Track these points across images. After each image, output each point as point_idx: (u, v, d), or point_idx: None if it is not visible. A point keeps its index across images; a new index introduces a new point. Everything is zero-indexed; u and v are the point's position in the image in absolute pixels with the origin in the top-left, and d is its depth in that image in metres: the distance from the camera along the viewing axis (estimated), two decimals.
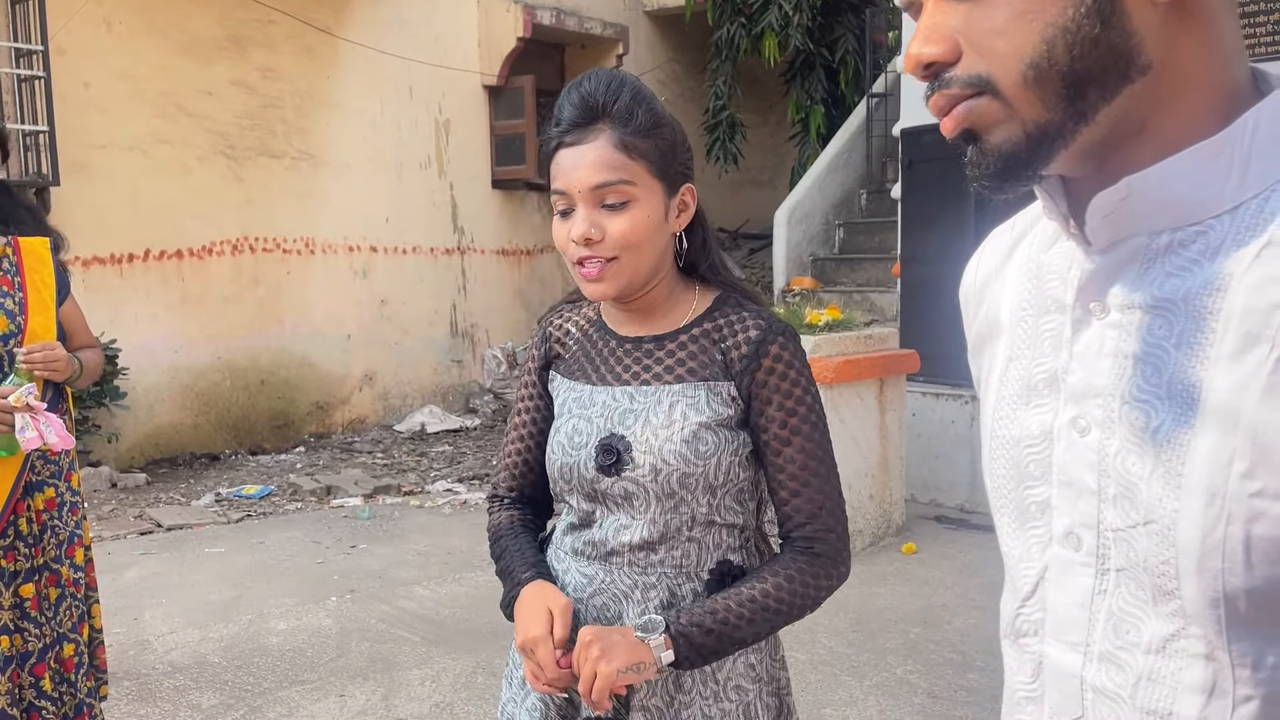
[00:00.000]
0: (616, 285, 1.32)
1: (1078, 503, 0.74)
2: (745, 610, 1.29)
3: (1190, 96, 0.67)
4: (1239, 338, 0.65)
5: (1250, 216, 0.66)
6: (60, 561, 2.49)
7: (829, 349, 4.82)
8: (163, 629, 4.04)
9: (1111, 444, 0.71)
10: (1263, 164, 0.66)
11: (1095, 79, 0.66)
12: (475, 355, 9.13)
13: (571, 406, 1.41)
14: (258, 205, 7.55)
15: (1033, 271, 0.81)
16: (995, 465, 0.82)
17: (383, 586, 4.55)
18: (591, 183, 1.29)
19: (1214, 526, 0.65)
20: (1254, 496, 0.64)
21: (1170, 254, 0.69)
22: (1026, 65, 0.66)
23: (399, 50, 8.28)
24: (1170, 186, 0.67)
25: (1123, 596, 0.72)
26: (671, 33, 10.61)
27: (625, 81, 1.33)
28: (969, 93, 0.68)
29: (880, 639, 3.87)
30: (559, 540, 1.45)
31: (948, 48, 0.68)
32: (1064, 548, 0.75)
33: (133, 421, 6.85)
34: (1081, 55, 0.65)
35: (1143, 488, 0.69)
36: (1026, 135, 0.67)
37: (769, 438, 1.33)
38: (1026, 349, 0.79)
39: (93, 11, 6.62)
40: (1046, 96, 0.66)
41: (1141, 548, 0.69)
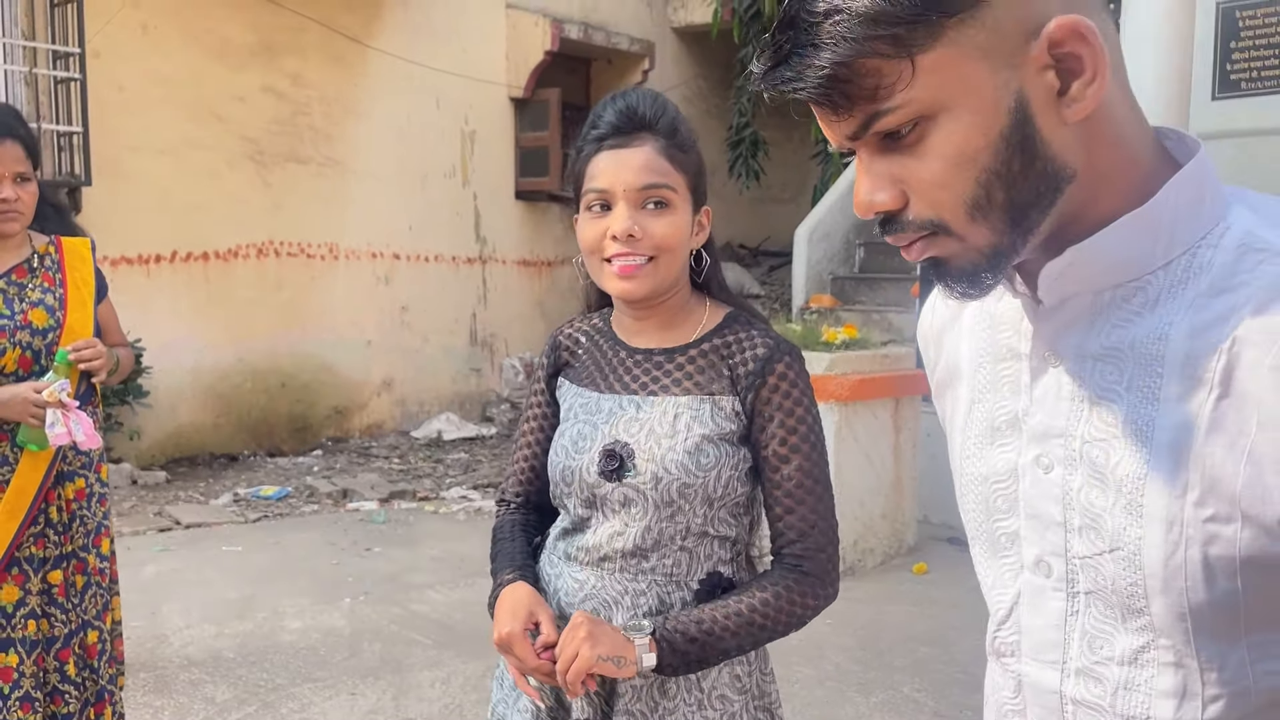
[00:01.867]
0: (648, 285, 1.36)
1: (1046, 534, 0.80)
2: (731, 623, 1.31)
3: (1115, 183, 0.75)
4: (1182, 381, 0.72)
5: (1181, 270, 0.74)
6: (88, 550, 2.55)
7: (844, 367, 4.85)
8: (180, 623, 4.10)
9: (1074, 480, 0.78)
10: (1186, 226, 0.74)
11: (1033, 203, 0.73)
12: (494, 364, 9.19)
13: (578, 412, 1.44)
14: (284, 210, 7.65)
15: (986, 321, 0.88)
16: (965, 500, 0.89)
17: (396, 589, 4.59)
18: (640, 182, 1.34)
19: (1174, 550, 0.72)
20: (1207, 522, 0.71)
21: (1114, 307, 0.77)
22: (969, 207, 0.72)
23: (427, 60, 8.38)
24: (1109, 253, 0.75)
25: (1093, 616, 0.79)
26: (697, 49, 10.69)
27: (666, 100, 1.41)
28: (924, 233, 0.74)
29: (888, 657, 3.88)
30: (553, 545, 1.47)
31: (894, 195, 0.74)
32: (1035, 574, 0.82)
33: (155, 420, 6.94)
34: (1017, 189, 0.72)
35: (1107, 519, 0.76)
36: (985, 258, 0.74)
37: (768, 454, 1.36)
38: (988, 393, 0.86)
39: (129, 16, 6.74)
40: (994, 226, 0.73)
41: (1109, 572, 0.76)
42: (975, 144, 0.70)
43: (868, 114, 0.71)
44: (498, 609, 1.38)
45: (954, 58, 0.69)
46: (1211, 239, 0.74)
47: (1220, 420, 0.70)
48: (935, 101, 0.70)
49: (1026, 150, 0.71)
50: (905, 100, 0.70)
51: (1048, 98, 0.70)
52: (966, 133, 0.70)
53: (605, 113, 1.38)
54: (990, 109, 0.70)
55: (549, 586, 1.44)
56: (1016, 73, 0.70)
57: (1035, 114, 0.70)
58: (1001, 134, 0.70)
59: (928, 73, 0.69)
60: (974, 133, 0.70)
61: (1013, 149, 0.70)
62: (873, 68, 0.69)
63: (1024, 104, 0.70)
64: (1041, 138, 0.71)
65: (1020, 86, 0.70)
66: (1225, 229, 0.74)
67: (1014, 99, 0.70)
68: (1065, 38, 0.69)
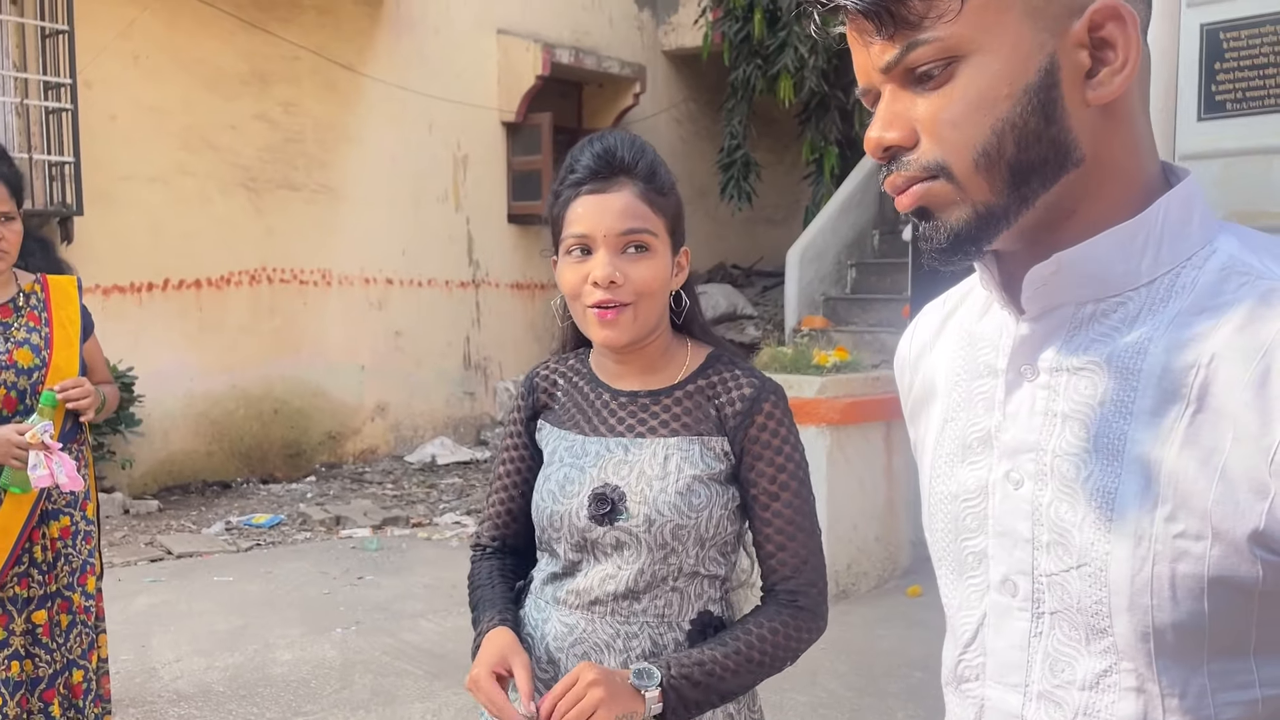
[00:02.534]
0: (630, 332, 1.36)
1: (1014, 551, 0.80)
2: (731, 663, 1.31)
3: (1114, 186, 0.76)
4: (1158, 395, 0.73)
5: (1164, 290, 0.75)
6: (73, 589, 2.54)
7: (836, 390, 4.85)
8: (169, 657, 4.08)
9: (1044, 495, 0.78)
10: (1173, 245, 0.75)
11: (1038, 169, 0.74)
12: (488, 388, 9.19)
13: (563, 455, 1.43)
14: (277, 237, 7.66)
15: (965, 340, 0.88)
16: (934, 521, 0.88)
17: (388, 619, 4.58)
18: (621, 227, 1.34)
19: (1142, 566, 0.72)
20: (1177, 538, 0.71)
21: (1094, 322, 0.77)
22: (978, 154, 0.73)
23: (420, 87, 8.42)
24: (1094, 262, 0.76)
25: (1057, 638, 0.78)
26: (688, 72, 10.74)
27: (645, 144, 1.40)
28: (924, 175, 0.75)
29: (883, 682, 3.87)
30: (539, 589, 1.45)
31: (906, 133, 0.75)
32: (1001, 594, 0.81)
33: (147, 448, 6.92)
34: (1027, 147, 0.73)
35: (1075, 534, 0.75)
36: (976, 215, 0.75)
37: (758, 492, 1.37)
38: (962, 411, 0.86)
39: (120, 46, 6.78)
40: (995, 182, 0.74)
41: (1075, 590, 0.76)
42: (1000, 91, 0.72)
43: (908, 40, 0.73)
44: (480, 650, 1.36)
45: (1002, 4, 0.72)
46: (1197, 260, 0.75)
47: (1195, 436, 0.71)
48: (974, 41, 0.72)
49: (1046, 111, 0.72)
50: (947, 34, 0.72)
51: (1077, 74, 0.73)
52: (994, 78, 0.72)
53: (583, 156, 1.37)
54: (1022, 62, 0.72)
55: (536, 631, 1.42)
56: (1055, 40, 0.72)
57: (1062, 82, 0.72)
58: (1026, 89, 0.72)
59: (975, 12, 0.71)
60: (1001, 80, 0.72)
61: (1034, 106, 0.72)
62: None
63: (1054, 69, 0.72)
64: (1063, 106, 0.73)
65: (1054, 52, 0.72)
66: (1211, 252, 0.75)
67: (1047, 60, 0.72)
68: (1106, 20, 0.72)
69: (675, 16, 10.49)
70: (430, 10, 8.57)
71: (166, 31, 6.98)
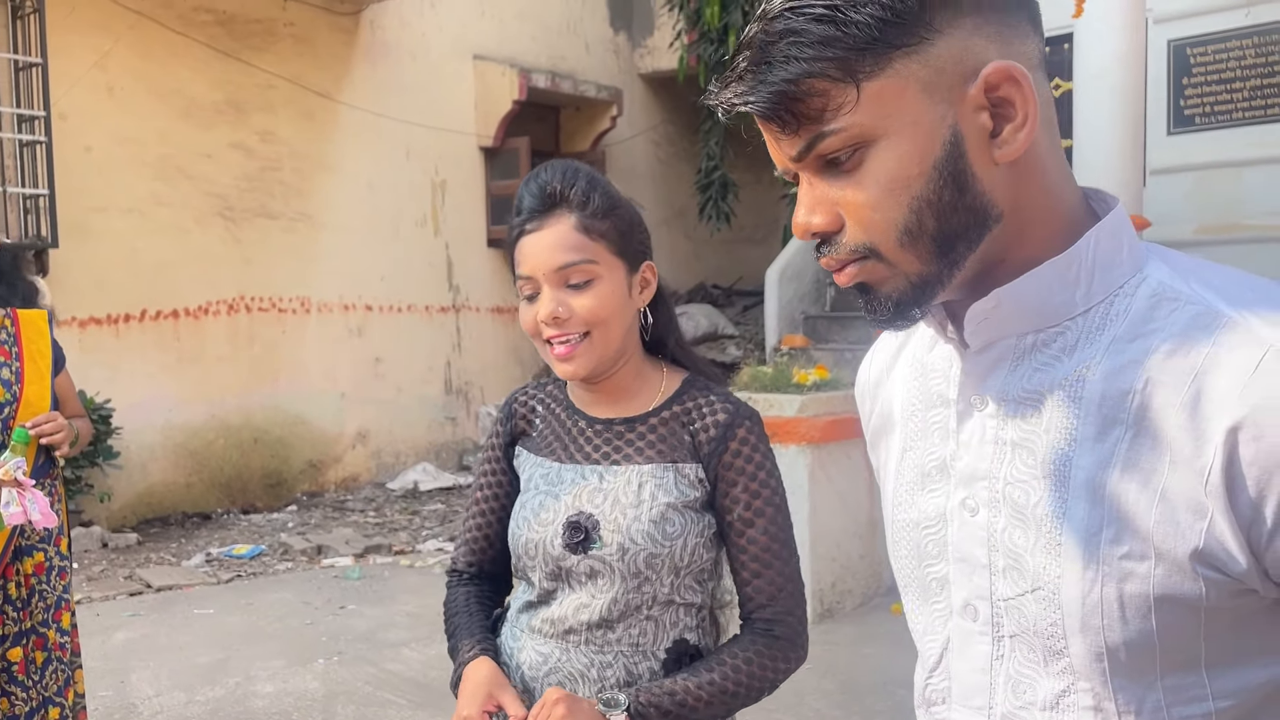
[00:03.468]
0: (588, 363, 1.35)
1: (972, 576, 0.82)
2: (704, 693, 1.30)
3: (1038, 228, 0.79)
4: (1099, 421, 0.75)
5: (1099, 318, 0.78)
6: (48, 625, 2.51)
7: (816, 409, 4.86)
8: (149, 692, 4.03)
9: (998, 521, 0.80)
10: (1104, 275, 0.78)
11: (961, 235, 0.76)
12: (469, 412, 9.17)
13: (538, 482, 1.43)
14: (255, 265, 7.64)
15: (918, 370, 0.91)
16: (897, 548, 0.90)
17: (371, 648, 4.54)
18: (555, 264, 1.34)
19: (1091, 588, 0.74)
20: (1122, 559, 0.73)
21: (1036, 351, 0.80)
22: (901, 232, 0.76)
23: (397, 113, 8.43)
24: (1031, 295, 0.78)
25: (1017, 660, 0.80)
26: (665, 94, 10.81)
27: (580, 169, 1.39)
28: (855, 257, 0.77)
29: (868, 700, 3.86)
30: (514, 618, 1.45)
31: (830, 219, 0.77)
32: (963, 619, 0.83)
33: (125, 481, 6.86)
34: (946, 219, 0.75)
35: (1028, 559, 0.78)
36: (911, 286, 0.78)
37: (733, 519, 1.36)
38: (919, 440, 0.89)
39: (95, 78, 6.76)
40: (922, 255, 0.76)
41: (1031, 613, 0.78)
42: (910, 171, 0.74)
43: (812, 134, 0.75)
44: (460, 689, 1.35)
45: (897, 88, 0.73)
46: (1128, 289, 0.77)
47: (1134, 459, 0.73)
48: (876, 127, 0.74)
49: (958, 182, 0.74)
50: (848, 124, 0.74)
51: (981, 137, 0.74)
52: (903, 159, 0.74)
53: (524, 194, 1.38)
54: (926, 139, 0.74)
55: (511, 660, 1.41)
56: (954, 109, 0.74)
57: (968, 150, 0.74)
58: (935, 164, 0.74)
59: (871, 99, 0.73)
60: (910, 160, 0.74)
61: (945, 179, 0.74)
62: (821, 89, 0.73)
63: (958, 139, 0.74)
64: (973, 173, 0.75)
65: (956, 122, 0.74)
66: (1141, 280, 0.77)
67: (950, 133, 0.74)
68: (1000, 81, 0.73)
69: (651, 40, 10.57)
70: (406, 37, 8.60)
71: (140, 62, 6.98)
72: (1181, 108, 6.19)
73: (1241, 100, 5.97)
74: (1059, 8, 5.77)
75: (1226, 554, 0.70)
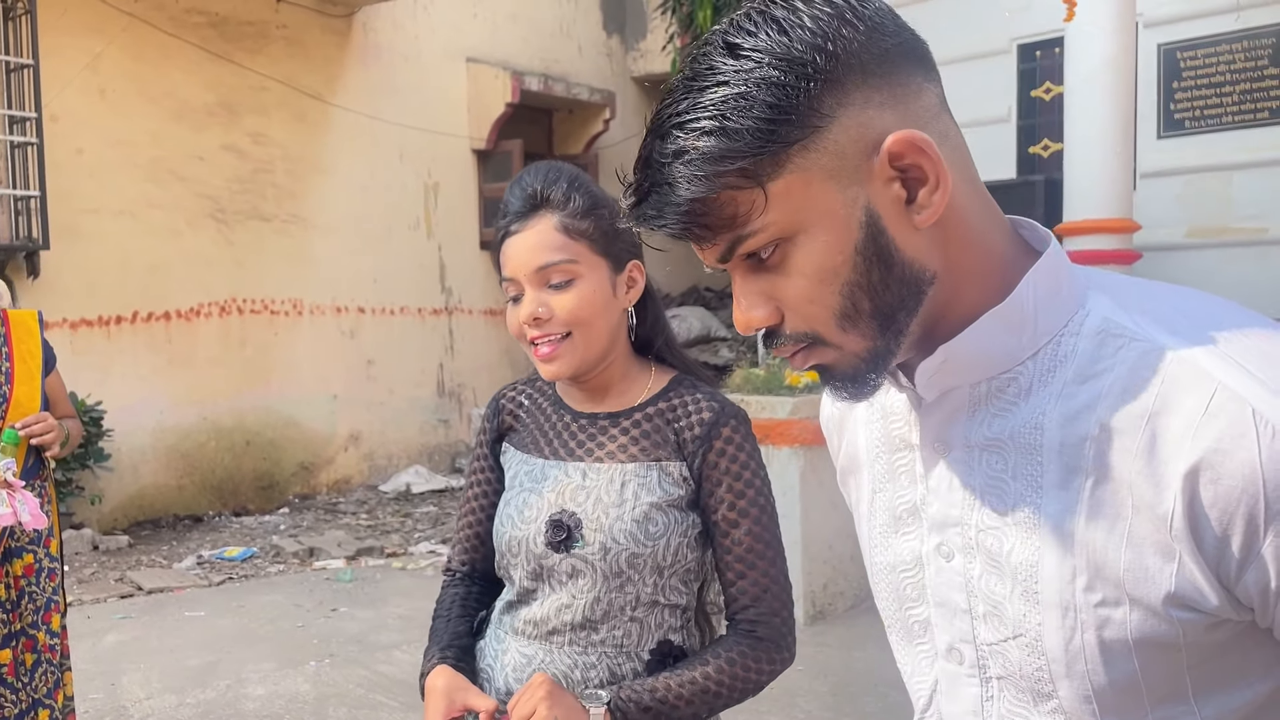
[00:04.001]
0: (571, 363, 1.35)
1: (954, 621, 0.82)
2: (686, 691, 1.30)
3: (974, 280, 0.78)
4: (1060, 469, 0.75)
5: (1048, 360, 0.77)
6: (37, 627, 2.50)
7: (808, 410, 4.86)
8: (140, 694, 4.02)
9: (974, 568, 0.80)
10: (1047, 316, 0.77)
11: (899, 307, 0.76)
12: (462, 415, 9.16)
13: (523, 480, 1.42)
14: (247, 268, 7.63)
15: (880, 412, 0.90)
16: (878, 589, 0.90)
17: (362, 651, 4.53)
18: (535, 265, 1.34)
19: (1072, 635, 0.74)
20: (1098, 606, 0.73)
21: (991, 399, 0.79)
22: (839, 318, 0.75)
23: (390, 116, 8.43)
24: (976, 348, 0.78)
25: (1007, 700, 0.80)
26: (657, 98, 10.81)
27: (562, 170, 1.39)
28: (802, 344, 0.78)
29: (860, 702, 3.86)
30: (498, 619, 1.44)
31: (769, 311, 0.77)
32: (949, 662, 0.83)
33: (117, 483, 6.84)
34: (879, 296, 0.75)
35: (1007, 606, 0.78)
36: (862, 361, 0.77)
37: (718, 519, 1.35)
38: (887, 483, 0.88)
39: (87, 80, 6.75)
40: (865, 333, 0.76)
41: (1015, 659, 0.78)
42: (834, 260, 0.73)
43: (731, 239, 0.74)
44: (425, 697, 1.35)
45: (802, 182, 0.72)
46: (1073, 326, 0.77)
47: (1098, 506, 0.73)
48: (791, 224, 0.72)
49: (883, 259, 0.73)
50: (763, 225, 0.72)
51: (896, 207, 0.73)
52: (824, 250, 0.73)
53: (510, 196, 1.38)
54: (843, 226, 0.72)
55: (495, 662, 1.41)
56: (864, 188, 0.72)
57: (887, 224, 0.73)
58: (857, 248, 0.73)
59: (780, 198, 0.72)
60: (831, 250, 0.73)
61: (870, 260, 0.73)
62: (728, 198, 0.72)
63: (874, 217, 0.73)
64: (896, 245, 0.73)
65: (869, 201, 0.72)
66: (1085, 316, 0.77)
67: (864, 214, 0.72)
68: (904, 151, 0.72)
69: (644, 43, 10.58)
70: (399, 39, 8.60)
71: (133, 64, 6.97)
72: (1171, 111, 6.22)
73: (1231, 104, 6.00)
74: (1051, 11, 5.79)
75: (1199, 593, 0.70)
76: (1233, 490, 0.68)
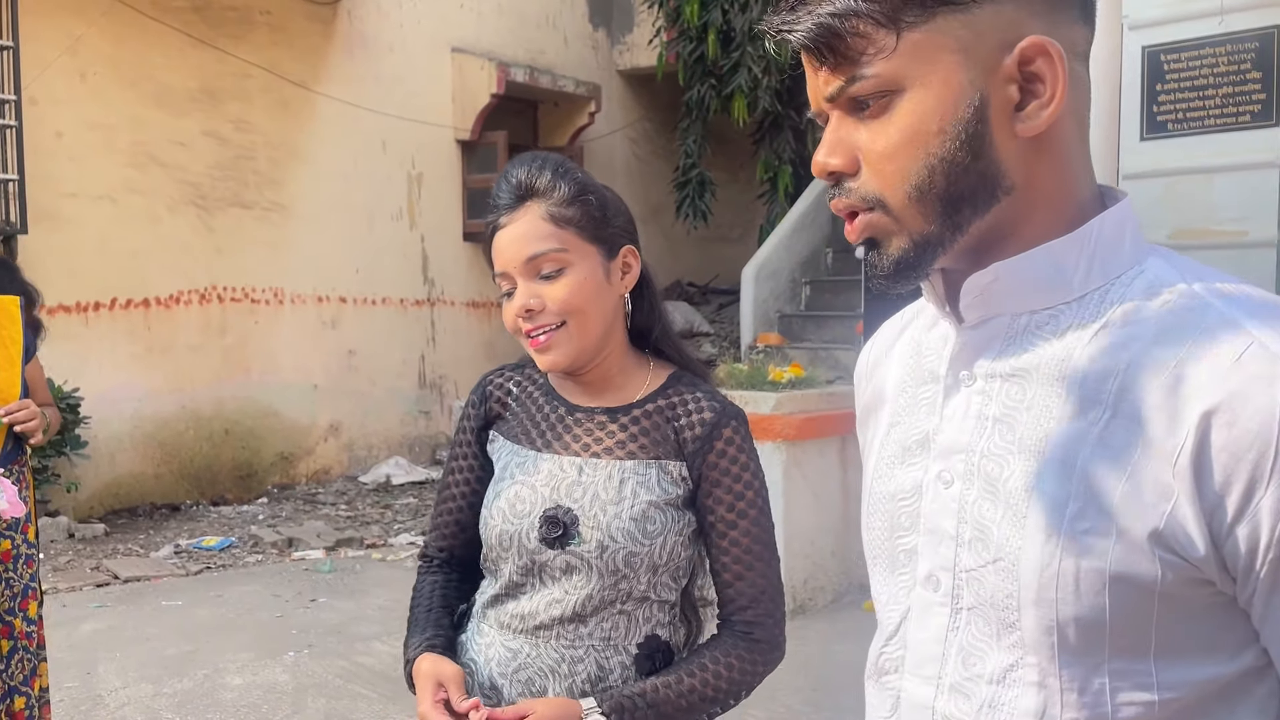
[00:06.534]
0: (567, 352, 1.33)
1: (939, 548, 0.83)
2: (684, 701, 1.29)
3: (1046, 211, 0.80)
4: (1078, 400, 0.77)
5: (1093, 305, 0.79)
6: (14, 614, 2.47)
7: (791, 406, 4.88)
8: (116, 684, 3.98)
9: (970, 494, 0.81)
10: (1104, 262, 0.79)
11: (968, 200, 0.78)
12: (443, 407, 9.12)
13: (514, 471, 1.39)
14: (227, 255, 7.56)
15: (914, 349, 0.92)
16: (872, 519, 0.91)
17: (341, 642, 4.51)
18: (524, 256, 1.33)
19: (1050, 560, 0.75)
20: (1084, 534, 0.74)
21: (1028, 333, 0.81)
22: (911, 188, 0.77)
23: (374, 105, 8.37)
24: (1030, 273, 0.79)
25: (972, 632, 0.81)
26: (643, 92, 10.80)
27: (548, 159, 1.38)
28: (864, 206, 0.79)
29: (839, 697, 3.88)
30: (481, 613, 1.41)
31: (848, 160, 0.79)
32: (925, 589, 0.84)
33: (93, 471, 6.78)
34: (956, 181, 0.77)
35: (994, 530, 0.79)
36: (913, 244, 0.79)
37: (715, 519, 1.34)
38: (906, 415, 0.90)
39: (67, 63, 6.67)
40: (928, 214, 0.78)
41: (990, 584, 0.79)
42: (931, 126, 0.75)
43: (849, 75, 0.76)
44: (416, 683, 1.33)
45: (936, 44, 0.75)
46: (1125, 279, 0.79)
47: (1108, 439, 0.74)
48: (909, 78, 0.75)
49: (975, 147, 0.75)
50: (883, 70, 0.75)
51: (1006, 109, 0.76)
52: (926, 114, 0.75)
53: (499, 189, 1.37)
54: (953, 99, 0.75)
55: (479, 657, 1.39)
56: (985, 76, 0.75)
57: (991, 118, 0.76)
58: (956, 125, 0.75)
59: (909, 49, 0.75)
60: (933, 116, 0.75)
61: (963, 142, 0.75)
62: (864, 30, 0.75)
63: (984, 105, 0.75)
64: (991, 140, 0.76)
65: (985, 89, 0.75)
66: (1139, 273, 0.79)
67: (977, 97, 0.75)
68: (1035, 55, 0.75)
69: (630, 36, 10.56)
70: (384, 28, 8.54)
71: (114, 48, 6.89)
72: (1154, 113, 6.26)
73: (1213, 107, 6.05)
74: None
75: (1187, 538, 0.71)
76: (1245, 435, 0.69)
